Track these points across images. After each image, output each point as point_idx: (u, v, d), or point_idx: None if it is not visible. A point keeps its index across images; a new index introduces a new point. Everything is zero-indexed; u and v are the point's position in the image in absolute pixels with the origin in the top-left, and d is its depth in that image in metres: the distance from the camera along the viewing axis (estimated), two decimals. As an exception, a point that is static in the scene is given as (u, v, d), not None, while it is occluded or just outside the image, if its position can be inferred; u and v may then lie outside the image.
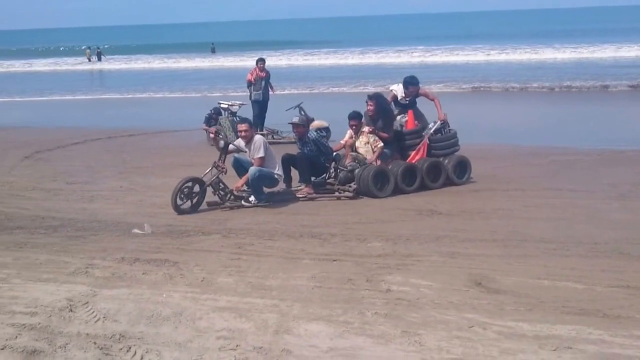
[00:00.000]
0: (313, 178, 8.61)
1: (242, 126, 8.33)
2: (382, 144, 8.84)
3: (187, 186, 7.82)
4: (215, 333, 4.17)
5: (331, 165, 8.79)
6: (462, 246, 6.04)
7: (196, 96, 25.22)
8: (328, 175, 8.81)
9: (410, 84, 9.36)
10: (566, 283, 4.95)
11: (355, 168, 8.59)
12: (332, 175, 8.81)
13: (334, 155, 8.87)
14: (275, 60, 38.98)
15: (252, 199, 8.09)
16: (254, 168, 8.02)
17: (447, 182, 8.83)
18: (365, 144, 8.88)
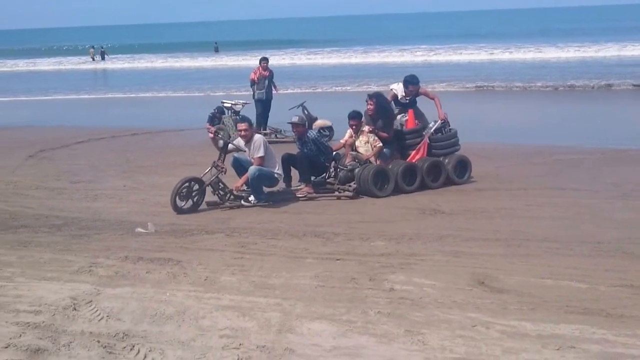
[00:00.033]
0: (313, 178, 8.59)
1: (242, 125, 8.30)
2: (381, 144, 8.82)
3: (187, 186, 7.80)
4: (218, 332, 4.18)
5: (331, 164, 8.77)
6: (465, 245, 6.04)
7: (199, 95, 25.25)
8: (328, 174, 8.79)
9: (410, 83, 9.33)
10: (569, 282, 4.94)
11: (355, 167, 8.57)
12: (332, 174, 8.78)
13: (333, 154, 8.85)
14: (278, 60, 39.00)
15: (251, 198, 8.06)
16: (253, 167, 7.99)
17: (448, 182, 8.81)
18: (365, 143, 8.86)
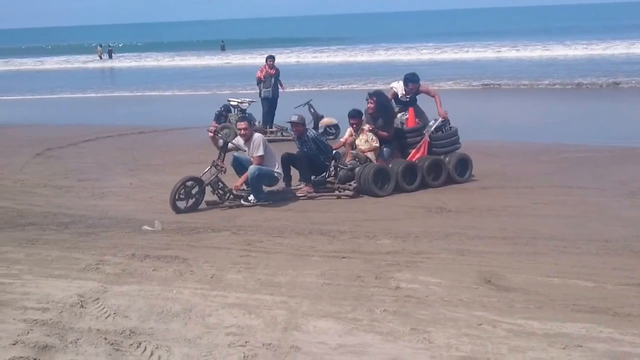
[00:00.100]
0: (313, 177, 8.57)
1: (241, 124, 8.30)
2: (377, 144, 8.78)
3: (186, 185, 7.79)
4: (224, 329, 4.19)
5: (331, 163, 8.74)
6: (471, 243, 6.03)
7: (206, 94, 25.26)
8: (328, 173, 8.76)
9: (411, 81, 9.28)
10: (576, 281, 4.93)
11: (355, 166, 8.52)
12: (332, 173, 8.74)
13: (333, 153, 8.81)
14: (284, 58, 38.98)
15: (251, 198, 8.04)
16: (253, 167, 7.97)
17: (449, 181, 8.77)
18: (365, 142, 8.83)
